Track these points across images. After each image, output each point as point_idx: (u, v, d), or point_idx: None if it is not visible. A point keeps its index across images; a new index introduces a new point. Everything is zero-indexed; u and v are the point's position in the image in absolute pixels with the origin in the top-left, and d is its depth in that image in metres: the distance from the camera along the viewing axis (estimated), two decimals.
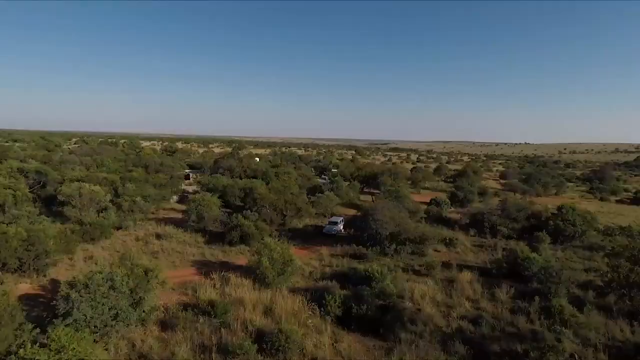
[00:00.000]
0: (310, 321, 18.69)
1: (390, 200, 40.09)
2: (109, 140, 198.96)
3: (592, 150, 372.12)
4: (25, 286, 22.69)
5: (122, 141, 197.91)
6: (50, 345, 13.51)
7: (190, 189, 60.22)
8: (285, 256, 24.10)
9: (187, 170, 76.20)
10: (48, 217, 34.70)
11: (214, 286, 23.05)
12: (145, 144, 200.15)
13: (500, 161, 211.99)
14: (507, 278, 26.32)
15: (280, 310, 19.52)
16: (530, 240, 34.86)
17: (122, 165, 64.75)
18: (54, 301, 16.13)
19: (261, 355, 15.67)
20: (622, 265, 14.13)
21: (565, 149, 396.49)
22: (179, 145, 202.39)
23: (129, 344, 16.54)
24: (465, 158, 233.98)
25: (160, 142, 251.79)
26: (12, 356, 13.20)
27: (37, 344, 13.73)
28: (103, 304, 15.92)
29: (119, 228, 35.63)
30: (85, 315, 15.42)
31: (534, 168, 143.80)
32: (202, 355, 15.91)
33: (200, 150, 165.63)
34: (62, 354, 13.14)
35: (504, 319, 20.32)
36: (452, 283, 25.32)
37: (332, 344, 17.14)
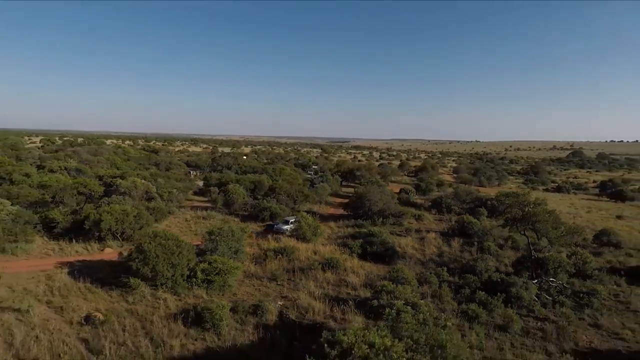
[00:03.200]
0: (343, 256, 30.65)
1: (375, 188, 52.78)
2: (65, 139, 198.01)
3: (533, 147, 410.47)
4: None
5: (80, 139, 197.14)
6: (214, 264, 24.51)
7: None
8: (315, 223, 35.88)
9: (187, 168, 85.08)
10: None
11: (270, 242, 34.30)
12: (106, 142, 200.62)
13: (453, 158, 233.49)
14: (458, 236, 39.59)
15: (323, 251, 31.42)
16: (474, 214, 48.68)
17: (134, 164, 72.86)
18: (204, 243, 27.06)
19: (323, 271, 27.39)
20: (512, 211, 27.01)
21: (511, 146, 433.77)
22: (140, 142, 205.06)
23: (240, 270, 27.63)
24: (422, 155, 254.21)
25: (121, 141, 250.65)
26: (198, 268, 24.00)
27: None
28: (229, 245, 26.96)
29: (168, 213, 45.43)
30: (222, 251, 26.40)
31: (482, 164, 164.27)
32: (288, 273, 27.33)
33: (176, 149, 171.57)
34: (222, 266, 24.13)
35: (456, 255, 33.48)
36: (422, 239, 38.21)
37: (360, 266, 29.24)
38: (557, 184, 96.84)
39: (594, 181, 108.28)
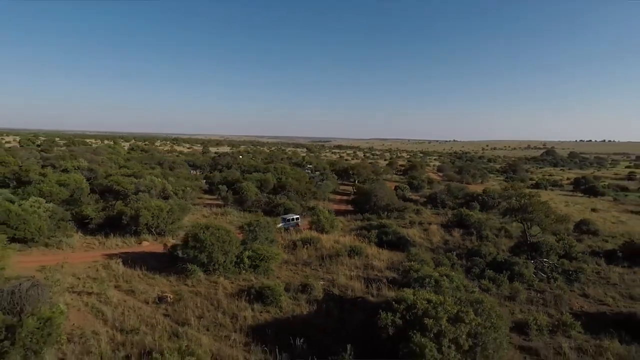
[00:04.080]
0: (363, 244, 34.37)
1: (381, 185, 56.88)
2: (42, 138, 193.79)
3: (509, 147, 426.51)
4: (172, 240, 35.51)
5: (57, 139, 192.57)
6: (258, 251, 27.75)
7: None
8: (331, 217, 39.48)
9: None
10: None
11: (293, 234, 37.65)
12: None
13: (434, 157, 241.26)
14: (456, 227, 44.00)
15: (344, 241, 35.04)
16: (467, 207, 53.36)
17: (138, 164, 74.44)
18: (242, 233, 30.19)
19: (349, 257, 31.00)
20: (510, 202, 31.42)
21: (487, 145, 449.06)
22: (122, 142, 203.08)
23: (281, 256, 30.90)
24: (404, 154, 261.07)
25: (100, 141, 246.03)
26: (244, 255, 27.20)
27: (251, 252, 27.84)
28: (266, 235, 30.23)
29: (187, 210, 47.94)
30: (261, 240, 29.66)
31: (463, 162, 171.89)
32: (318, 260, 30.80)
33: (164, 149, 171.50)
34: (266, 253, 27.42)
35: (459, 242, 37.77)
36: (426, 230, 42.38)
37: (379, 253, 33.03)
38: (535, 181, 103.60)
39: (568, 178, 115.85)
